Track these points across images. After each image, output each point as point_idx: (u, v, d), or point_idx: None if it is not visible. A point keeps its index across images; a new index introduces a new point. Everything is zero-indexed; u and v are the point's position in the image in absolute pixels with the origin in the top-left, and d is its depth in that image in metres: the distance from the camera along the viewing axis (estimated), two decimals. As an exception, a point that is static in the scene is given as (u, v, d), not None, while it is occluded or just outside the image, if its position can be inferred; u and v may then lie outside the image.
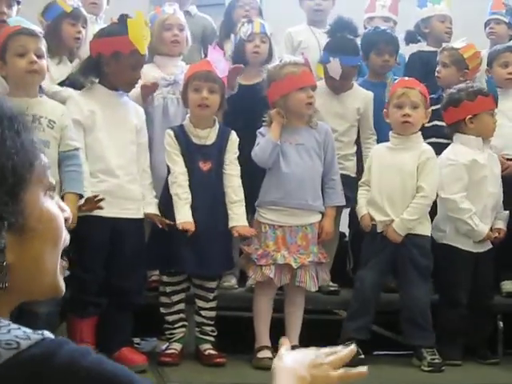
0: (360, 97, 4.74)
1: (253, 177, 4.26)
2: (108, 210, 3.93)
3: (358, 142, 4.77)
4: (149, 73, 4.49)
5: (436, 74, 4.96)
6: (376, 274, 4.32)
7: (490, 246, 4.45)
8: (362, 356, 4.19)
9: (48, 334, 1.09)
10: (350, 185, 4.50)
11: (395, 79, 4.68)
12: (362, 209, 4.37)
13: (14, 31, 3.76)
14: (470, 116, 4.41)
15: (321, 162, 4.26)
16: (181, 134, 4.15)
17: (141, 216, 4.09)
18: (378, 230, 4.31)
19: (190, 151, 4.12)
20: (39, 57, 3.72)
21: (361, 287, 4.30)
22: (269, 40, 4.75)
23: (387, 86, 4.73)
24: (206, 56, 5.22)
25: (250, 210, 4.27)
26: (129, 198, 4.03)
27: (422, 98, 4.37)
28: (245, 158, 4.23)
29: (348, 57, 4.64)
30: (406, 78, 4.56)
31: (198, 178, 4.10)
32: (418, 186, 4.30)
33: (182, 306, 4.18)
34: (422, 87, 4.44)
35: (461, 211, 4.36)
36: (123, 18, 4.01)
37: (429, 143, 4.50)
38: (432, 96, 4.73)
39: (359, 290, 4.31)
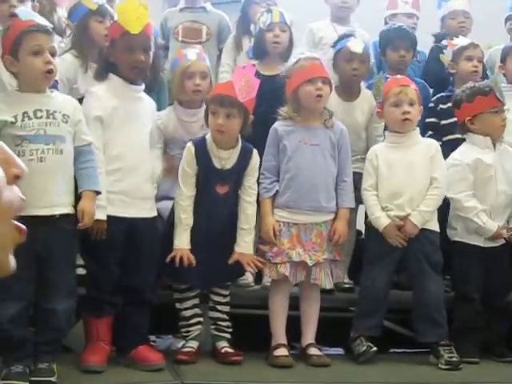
0: (368, 99, 4.72)
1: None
2: (124, 210, 3.92)
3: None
4: (172, 128, 4.38)
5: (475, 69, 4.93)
6: (388, 271, 4.30)
7: (503, 242, 4.42)
8: (375, 349, 4.20)
9: None
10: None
11: (387, 78, 4.63)
12: (383, 219, 4.28)
13: (28, 27, 3.65)
14: (469, 118, 4.41)
15: (335, 163, 4.24)
16: (201, 152, 4.06)
17: (155, 214, 4.08)
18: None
19: (208, 173, 4.07)
20: (53, 55, 3.68)
21: (372, 285, 4.26)
22: (289, 29, 4.73)
23: (374, 85, 4.66)
24: (221, 52, 5.25)
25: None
26: (145, 198, 4.03)
27: (417, 95, 4.36)
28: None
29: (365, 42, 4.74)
30: (399, 77, 4.51)
31: (213, 199, 4.07)
32: (431, 177, 4.29)
33: (196, 300, 4.16)
34: (414, 85, 4.44)
35: (466, 209, 4.36)
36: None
37: (449, 140, 4.49)
38: (444, 94, 4.74)
39: (371, 288, 4.28)
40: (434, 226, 4.33)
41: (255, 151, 4.16)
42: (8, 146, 1.09)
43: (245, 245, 4.09)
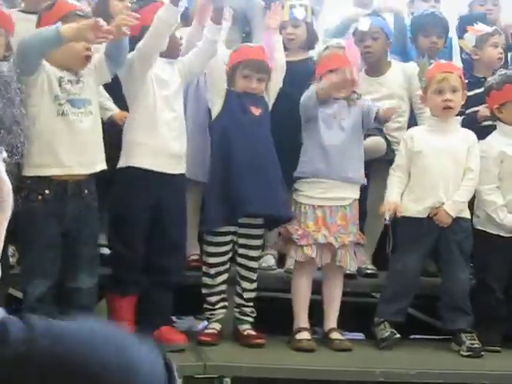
0: (401, 71, 4.72)
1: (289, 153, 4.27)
2: (152, 163, 3.94)
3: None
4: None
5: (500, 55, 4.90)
6: (420, 258, 4.30)
7: None
8: (398, 336, 4.20)
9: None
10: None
11: (430, 63, 4.61)
12: (395, 196, 4.29)
13: (74, 10, 3.73)
14: (496, 106, 4.39)
15: (361, 137, 4.30)
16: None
17: (183, 171, 4.06)
18: (424, 215, 4.26)
19: (239, 98, 4.17)
20: None
21: (403, 271, 4.25)
22: (304, 22, 4.71)
23: (419, 70, 4.65)
24: (247, 35, 5.20)
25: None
26: (173, 156, 4.01)
27: (460, 82, 4.34)
28: (283, 138, 4.24)
29: (377, 18, 4.81)
30: (443, 62, 4.51)
31: (251, 121, 4.14)
32: (466, 167, 4.28)
33: (224, 286, 4.17)
34: (459, 71, 4.41)
35: (486, 203, 4.36)
36: None
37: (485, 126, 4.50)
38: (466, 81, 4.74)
39: (401, 273, 4.26)
40: (467, 214, 4.33)
41: None
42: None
43: None
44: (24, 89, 3.35)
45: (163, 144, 3.96)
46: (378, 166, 4.57)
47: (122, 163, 3.96)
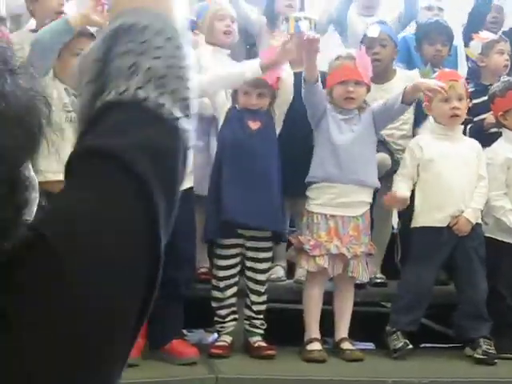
0: (405, 78, 4.70)
1: (294, 164, 4.27)
2: None
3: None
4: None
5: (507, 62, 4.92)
6: (434, 269, 4.29)
7: None
8: (411, 346, 4.18)
9: None
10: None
11: (434, 71, 4.60)
12: (403, 190, 4.26)
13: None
14: (501, 113, 4.39)
15: (374, 140, 4.31)
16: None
17: (190, 184, 4.04)
18: (444, 224, 4.24)
19: (238, 112, 4.20)
20: None
21: (417, 281, 4.22)
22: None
23: (421, 77, 4.64)
24: (251, 46, 5.22)
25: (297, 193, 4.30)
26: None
27: (465, 90, 4.36)
28: (288, 146, 4.25)
29: (385, 26, 4.82)
30: (447, 70, 4.52)
31: (248, 135, 4.14)
32: (479, 174, 4.29)
33: (234, 299, 4.17)
34: (463, 79, 4.44)
35: (495, 209, 4.36)
36: None
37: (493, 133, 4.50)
38: (473, 89, 4.74)
39: (415, 284, 4.23)
40: (480, 220, 4.33)
41: None
42: None
43: None
44: None
45: None
46: (384, 175, 4.56)
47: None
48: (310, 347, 4.12)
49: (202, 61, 4.42)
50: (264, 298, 4.20)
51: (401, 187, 4.28)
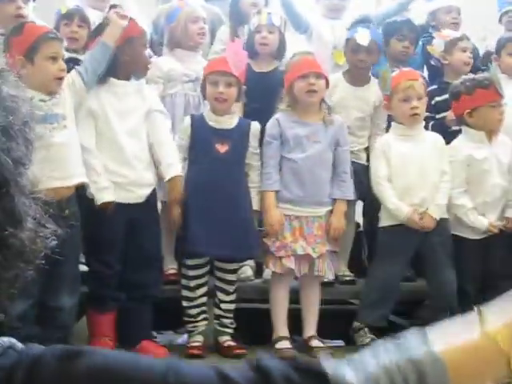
0: (375, 89, 4.74)
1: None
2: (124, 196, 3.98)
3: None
4: (170, 65, 4.58)
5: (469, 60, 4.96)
6: (402, 265, 4.34)
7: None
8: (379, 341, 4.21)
9: (9, 339, 0.92)
10: (364, 172, 4.49)
11: (393, 70, 4.63)
12: (404, 208, 4.28)
13: (45, 33, 3.80)
14: (468, 110, 4.40)
15: (332, 158, 4.28)
16: (198, 120, 4.19)
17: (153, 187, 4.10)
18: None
19: (206, 133, 4.14)
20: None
21: (384, 277, 4.27)
22: (278, 30, 4.75)
23: (380, 77, 4.64)
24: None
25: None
26: (144, 185, 4.05)
27: (424, 89, 4.41)
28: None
29: (373, 30, 4.74)
30: (406, 69, 4.54)
31: (214, 159, 4.10)
32: (441, 170, 4.34)
33: (204, 299, 4.19)
34: (422, 78, 4.48)
35: (456, 207, 4.40)
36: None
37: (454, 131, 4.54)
38: (436, 86, 4.80)
39: (382, 279, 4.29)
40: (446, 215, 4.38)
41: (254, 122, 4.26)
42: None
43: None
44: None
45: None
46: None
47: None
48: (278, 345, 4.15)
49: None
50: (233, 297, 4.22)
51: (397, 203, 4.29)
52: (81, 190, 3.87)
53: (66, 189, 3.70)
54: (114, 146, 3.98)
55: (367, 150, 4.67)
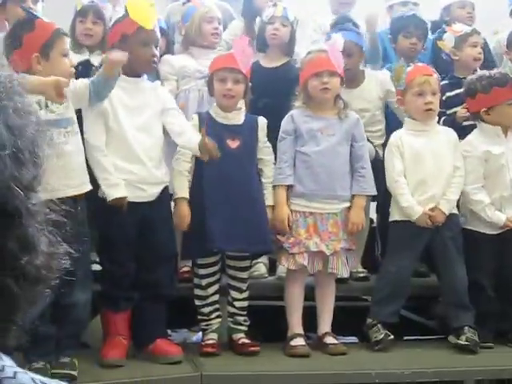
0: (375, 81, 4.73)
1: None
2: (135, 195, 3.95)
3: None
4: (183, 62, 4.62)
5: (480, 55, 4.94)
6: (413, 259, 4.33)
7: None
8: (392, 337, 4.22)
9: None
10: (381, 167, 4.46)
11: (409, 65, 4.62)
12: (416, 207, 4.27)
13: (57, 29, 3.79)
14: (484, 109, 4.39)
15: (349, 152, 4.27)
16: (206, 117, 4.16)
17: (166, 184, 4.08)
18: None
19: (216, 130, 4.09)
20: None
21: (396, 272, 4.26)
22: (291, 25, 4.75)
23: (394, 72, 4.64)
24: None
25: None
26: (155, 183, 4.03)
27: (438, 84, 4.40)
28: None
29: (350, 32, 4.68)
30: (420, 65, 4.54)
31: (227, 155, 4.05)
32: (454, 165, 4.33)
33: (216, 297, 4.18)
34: (436, 73, 4.46)
35: (473, 203, 4.40)
36: (124, 7, 4.08)
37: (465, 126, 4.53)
38: (446, 82, 4.78)
39: (394, 275, 4.28)
40: (456, 210, 4.38)
41: (261, 117, 4.26)
42: None
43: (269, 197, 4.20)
44: None
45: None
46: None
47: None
48: (293, 343, 4.15)
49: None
50: (246, 294, 4.22)
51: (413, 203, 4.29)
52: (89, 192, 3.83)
53: (79, 196, 3.70)
54: (123, 142, 3.95)
55: (384, 146, 4.65)
